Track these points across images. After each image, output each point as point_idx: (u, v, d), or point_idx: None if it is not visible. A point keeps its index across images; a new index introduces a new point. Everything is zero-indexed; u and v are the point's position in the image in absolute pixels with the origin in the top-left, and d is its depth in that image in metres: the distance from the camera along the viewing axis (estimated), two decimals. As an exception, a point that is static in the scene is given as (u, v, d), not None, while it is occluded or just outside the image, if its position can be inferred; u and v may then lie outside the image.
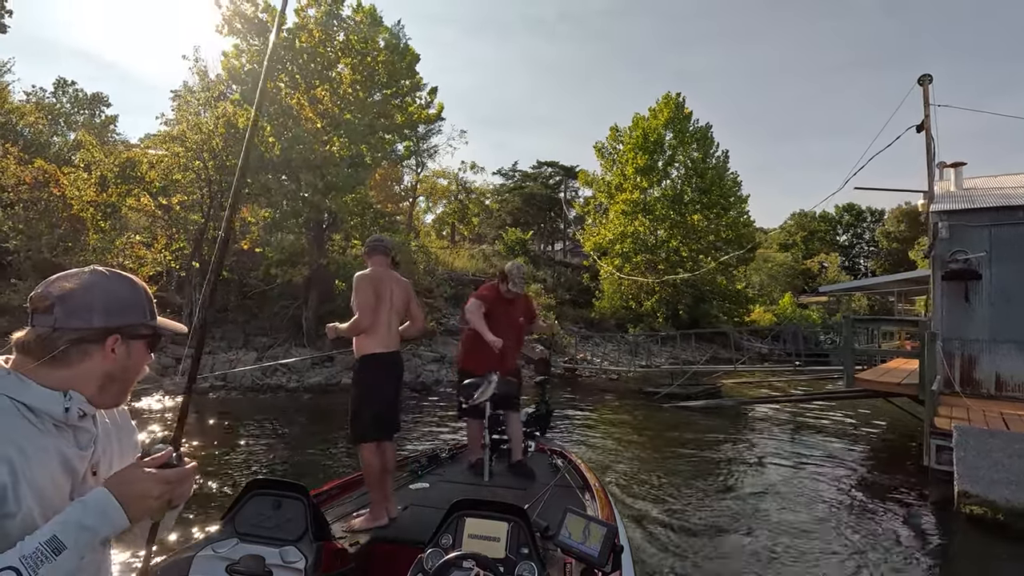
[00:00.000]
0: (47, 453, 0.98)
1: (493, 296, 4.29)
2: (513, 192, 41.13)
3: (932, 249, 10.07)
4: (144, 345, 1.12)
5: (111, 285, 1.07)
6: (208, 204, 15.73)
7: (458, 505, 2.24)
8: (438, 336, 19.60)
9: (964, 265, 9.52)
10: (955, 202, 10.26)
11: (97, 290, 1.05)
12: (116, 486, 0.98)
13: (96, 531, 0.93)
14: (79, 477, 1.04)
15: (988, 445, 6.09)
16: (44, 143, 22.08)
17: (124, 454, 1.17)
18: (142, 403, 11.45)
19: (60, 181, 14.98)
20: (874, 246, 67.19)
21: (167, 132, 15.81)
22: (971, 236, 9.69)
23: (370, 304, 3.29)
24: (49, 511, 0.95)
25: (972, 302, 9.59)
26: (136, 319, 1.09)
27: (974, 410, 7.92)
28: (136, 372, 1.13)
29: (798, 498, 6.81)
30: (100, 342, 1.05)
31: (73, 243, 14.88)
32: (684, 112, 29.31)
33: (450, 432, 9.86)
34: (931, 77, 10.97)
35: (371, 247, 3.56)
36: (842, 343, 10.63)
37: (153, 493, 1.00)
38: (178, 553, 2.27)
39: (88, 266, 1.10)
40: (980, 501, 5.83)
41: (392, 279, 3.48)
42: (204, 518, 5.39)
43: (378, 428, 3.28)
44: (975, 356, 9.57)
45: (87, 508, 0.94)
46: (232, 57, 16.20)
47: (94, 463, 1.08)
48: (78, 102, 30.23)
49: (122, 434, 1.19)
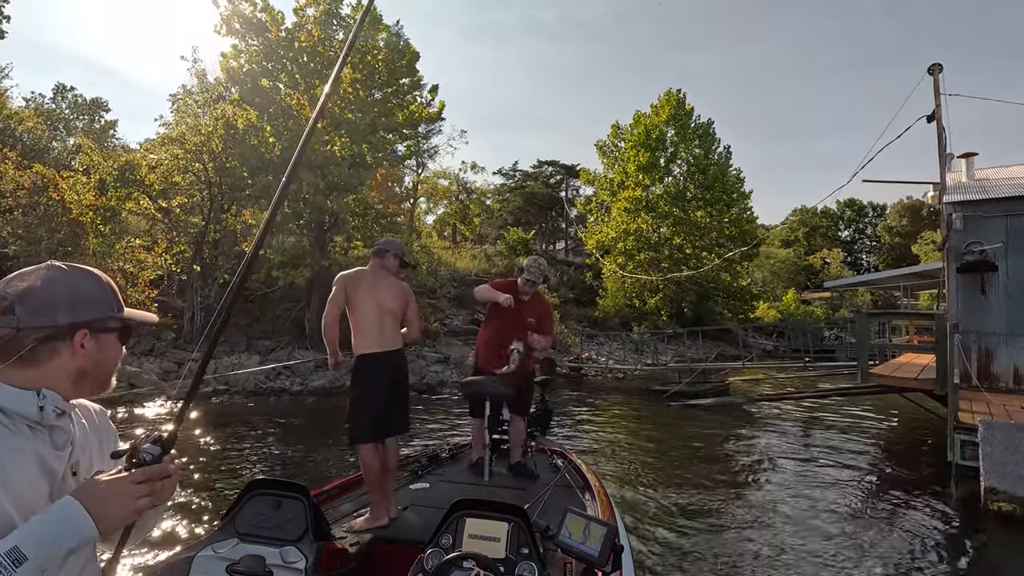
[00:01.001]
0: (22, 454, 0.96)
1: (507, 288, 4.22)
2: (514, 192, 40.97)
3: (946, 241, 9.88)
4: (115, 338, 1.10)
5: (72, 280, 1.05)
6: (208, 207, 15.58)
7: (458, 505, 2.23)
8: (442, 337, 19.42)
9: (980, 257, 9.32)
10: (969, 192, 10.07)
11: (59, 285, 1.03)
12: (83, 494, 0.94)
13: (59, 543, 0.90)
14: (58, 478, 1.01)
15: (1016, 440, 5.91)
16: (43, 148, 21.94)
17: (104, 454, 1.15)
18: (144, 408, 11.29)
19: (59, 185, 14.82)
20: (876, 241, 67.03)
21: (166, 134, 15.65)
22: (986, 227, 9.50)
23: (337, 303, 3.35)
24: (29, 513, 0.92)
25: (988, 294, 9.39)
26: (103, 312, 1.07)
27: (995, 404, 7.73)
28: (110, 366, 1.11)
29: (812, 497, 6.64)
30: (68, 339, 1.02)
31: (73, 248, 14.72)
32: (686, 109, 29.15)
33: (452, 432, 9.79)
34: (941, 66, 10.80)
35: (373, 251, 3.65)
36: (856, 338, 10.43)
37: (127, 501, 0.96)
38: (178, 553, 2.26)
39: (45, 263, 1.07)
40: (1008, 497, 5.66)
41: (385, 280, 3.51)
42: (204, 518, 5.33)
43: (373, 428, 3.28)
44: (992, 350, 9.37)
45: (50, 518, 0.91)
46: (231, 58, 16.04)
47: (73, 464, 1.06)
48: (77, 107, 30.17)
49: (101, 434, 1.17)
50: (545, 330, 4.19)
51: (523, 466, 4.11)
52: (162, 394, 12.48)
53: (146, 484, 0.99)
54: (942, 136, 10.65)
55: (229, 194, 16.46)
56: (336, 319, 3.37)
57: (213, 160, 14.95)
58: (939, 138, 10.69)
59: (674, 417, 12.11)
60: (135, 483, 0.98)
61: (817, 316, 37.93)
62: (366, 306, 3.37)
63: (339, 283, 3.37)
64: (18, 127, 21.68)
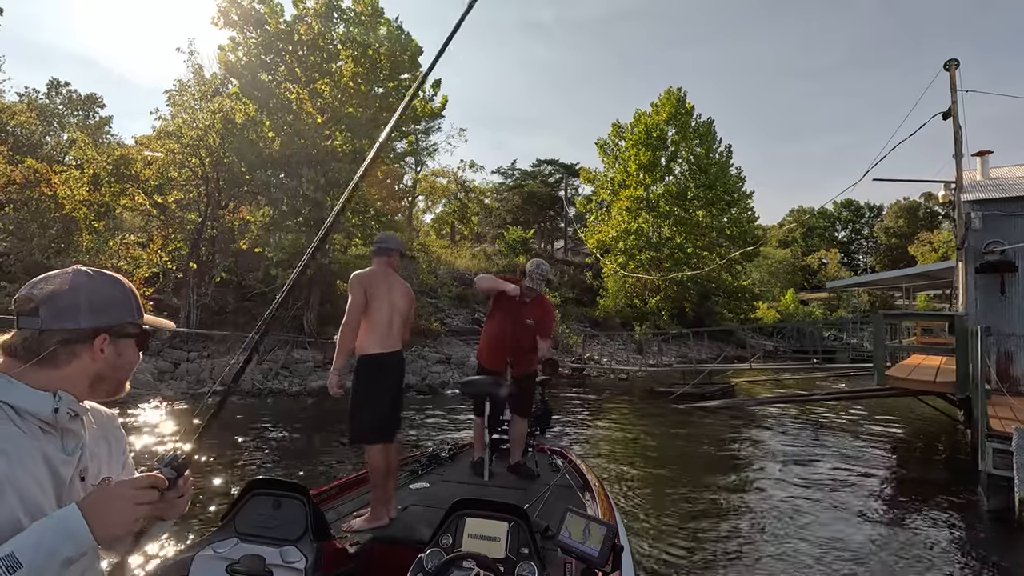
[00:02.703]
0: (31, 456, 0.96)
1: (512, 283, 4.17)
2: (512, 191, 40.71)
3: (964, 241, 9.66)
4: (134, 343, 1.11)
5: (96, 284, 1.07)
6: (205, 203, 15.23)
7: (458, 505, 2.23)
8: (442, 337, 19.13)
9: (1000, 256, 9.11)
10: (988, 191, 9.86)
11: (83, 290, 1.04)
12: (86, 504, 0.94)
13: (56, 551, 0.89)
14: (65, 482, 1.01)
15: (1053, 449, 5.66)
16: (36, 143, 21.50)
17: (113, 459, 1.16)
18: (138, 410, 10.98)
19: (52, 180, 14.46)
20: (873, 242, 67.20)
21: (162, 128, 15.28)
22: (1006, 226, 9.29)
23: (361, 307, 3.29)
24: (37, 514, 0.93)
25: (1009, 295, 9.19)
26: (123, 318, 1.09)
27: (1019, 409, 7.50)
28: (126, 370, 1.12)
29: (824, 501, 6.38)
30: (88, 342, 1.04)
31: (65, 244, 14.39)
32: (686, 107, 28.95)
33: (452, 432, 9.71)
34: (958, 62, 10.58)
35: (373, 249, 3.61)
36: (874, 340, 10.20)
37: (126, 516, 0.95)
38: (178, 553, 2.24)
39: (71, 267, 1.08)
40: (1046, 509, 5.41)
41: (396, 281, 3.49)
42: (204, 518, 5.27)
43: (382, 429, 3.27)
44: (1012, 352, 9.17)
45: (50, 526, 0.91)
46: (228, 51, 15.67)
47: (82, 468, 1.06)
48: (72, 103, 29.63)
49: (111, 439, 1.17)
50: (545, 332, 4.19)
51: (523, 466, 4.10)
52: (157, 395, 12.17)
53: (146, 493, 0.98)
54: (959, 134, 10.43)
55: (226, 190, 16.12)
56: (358, 324, 3.29)
57: (210, 155, 14.59)
58: (955, 136, 10.47)
59: (680, 419, 11.88)
60: (137, 489, 0.97)
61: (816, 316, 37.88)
62: (381, 307, 3.33)
63: (359, 286, 3.28)
64: (10, 121, 21.25)
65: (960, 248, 9.94)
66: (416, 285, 13.63)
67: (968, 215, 9.49)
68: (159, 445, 8.46)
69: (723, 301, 29.70)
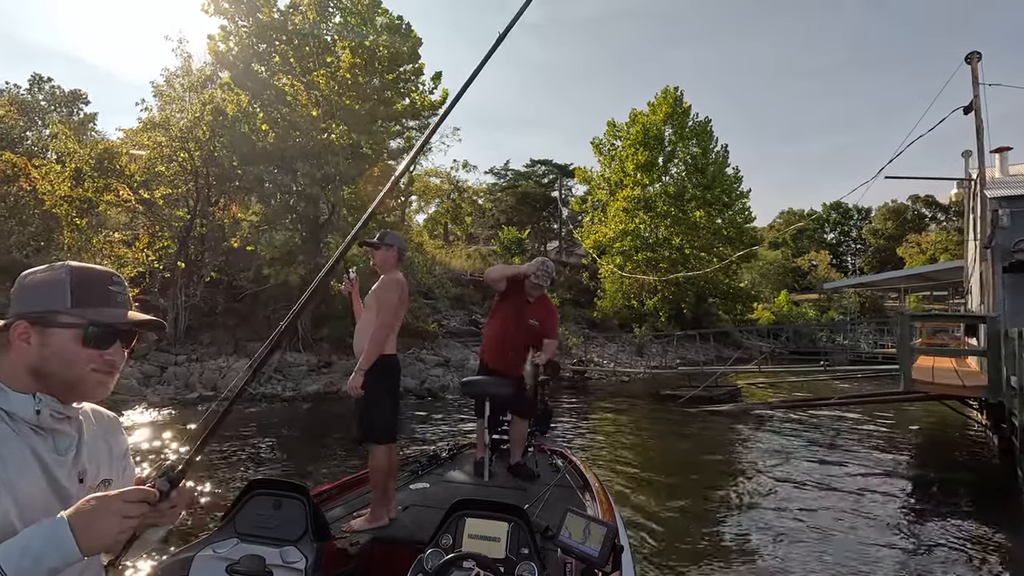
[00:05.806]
0: (24, 457, 0.96)
1: (517, 280, 4.15)
2: (506, 191, 40.31)
3: (991, 239, 9.34)
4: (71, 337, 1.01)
5: (41, 274, 1.05)
6: (194, 199, 14.58)
7: (458, 505, 2.23)
8: (440, 339, 18.60)
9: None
10: (1015, 187, 9.56)
11: (25, 279, 1.04)
12: (75, 515, 0.91)
13: (40, 560, 0.87)
14: (60, 483, 1.01)
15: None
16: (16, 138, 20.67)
17: (113, 462, 1.15)
18: (123, 417, 10.35)
19: (31, 175, 13.75)
20: (861, 243, 67.72)
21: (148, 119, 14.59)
22: (1036, 224, 8.98)
23: (402, 307, 3.40)
24: (36, 514, 0.93)
25: (1039, 295, 8.87)
26: (45, 306, 1.01)
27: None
28: (68, 365, 1.01)
29: (843, 509, 5.99)
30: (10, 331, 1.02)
31: (46, 242, 13.70)
32: (683, 107, 28.72)
33: (453, 433, 9.60)
34: (980, 54, 10.30)
35: (386, 248, 3.58)
36: (899, 341, 9.85)
37: (113, 529, 0.92)
38: (178, 553, 2.24)
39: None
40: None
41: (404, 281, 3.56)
42: (204, 518, 5.16)
43: (388, 429, 3.29)
44: (1043, 353, 8.82)
45: (38, 535, 0.89)
46: (219, 40, 15.02)
47: (80, 470, 1.05)
48: (55, 99, 28.73)
49: (111, 442, 1.16)
50: (549, 332, 4.17)
51: (523, 466, 4.10)
52: (143, 400, 11.54)
53: (135, 507, 0.94)
54: (981, 129, 10.13)
55: (217, 185, 15.48)
56: (398, 327, 3.33)
57: (200, 148, 13.94)
58: (978, 131, 10.18)
59: (685, 422, 11.54)
60: (127, 503, 0.94)
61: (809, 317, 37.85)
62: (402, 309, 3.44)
63: (402, 289, 3.35)
64: (-13, 115, 20.38)
65: (988, 247, 9.62)
66: (414, 285, 13.11)
67: (996, 212, 9.17)
68: (149, 455, 8.06)
69: (720, 302, 29.50)
